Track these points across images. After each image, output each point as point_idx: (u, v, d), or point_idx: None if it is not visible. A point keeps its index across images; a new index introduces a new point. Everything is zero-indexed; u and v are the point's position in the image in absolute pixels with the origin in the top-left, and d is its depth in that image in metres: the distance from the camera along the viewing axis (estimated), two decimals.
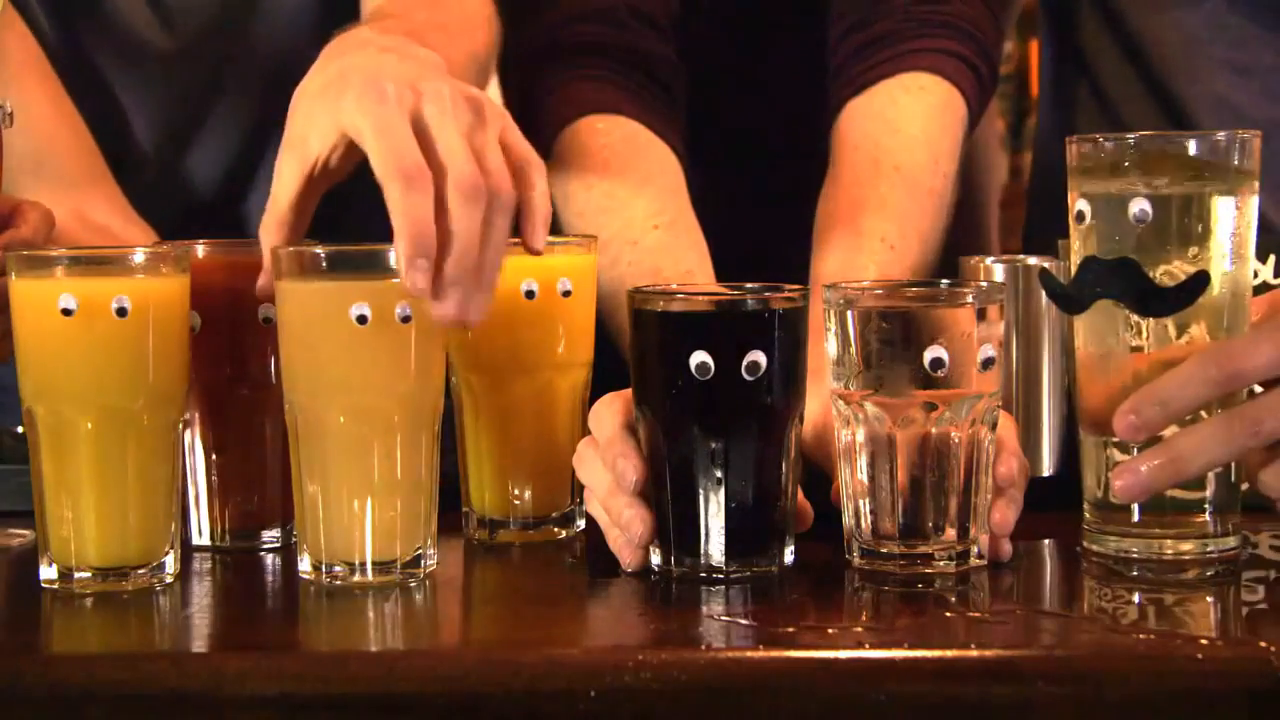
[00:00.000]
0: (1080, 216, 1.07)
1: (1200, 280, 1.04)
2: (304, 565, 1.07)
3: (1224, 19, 1.46)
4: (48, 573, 1.05)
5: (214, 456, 1.16)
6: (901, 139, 1.34)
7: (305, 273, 1.06)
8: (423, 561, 1.07)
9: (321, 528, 1.06)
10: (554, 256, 1.17)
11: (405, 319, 1.04)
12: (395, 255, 1.02)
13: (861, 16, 1.39)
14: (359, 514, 1.05)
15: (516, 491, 1.17)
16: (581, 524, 1.19)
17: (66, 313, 1.02)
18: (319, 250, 1.07)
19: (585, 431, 1.13)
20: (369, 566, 1.06)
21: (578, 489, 1.17)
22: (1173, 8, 1.48)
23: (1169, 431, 1.04)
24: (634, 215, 1.32)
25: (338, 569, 1.06)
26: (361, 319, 1.03)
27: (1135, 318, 1.05)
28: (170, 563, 1.07)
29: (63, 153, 1.40)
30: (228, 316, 1.14)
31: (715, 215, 1.37)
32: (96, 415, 1.04)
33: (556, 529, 1.18)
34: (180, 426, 1.08)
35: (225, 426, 1.16)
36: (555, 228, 1.36)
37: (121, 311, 1.03)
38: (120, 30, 1.48)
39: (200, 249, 1.15)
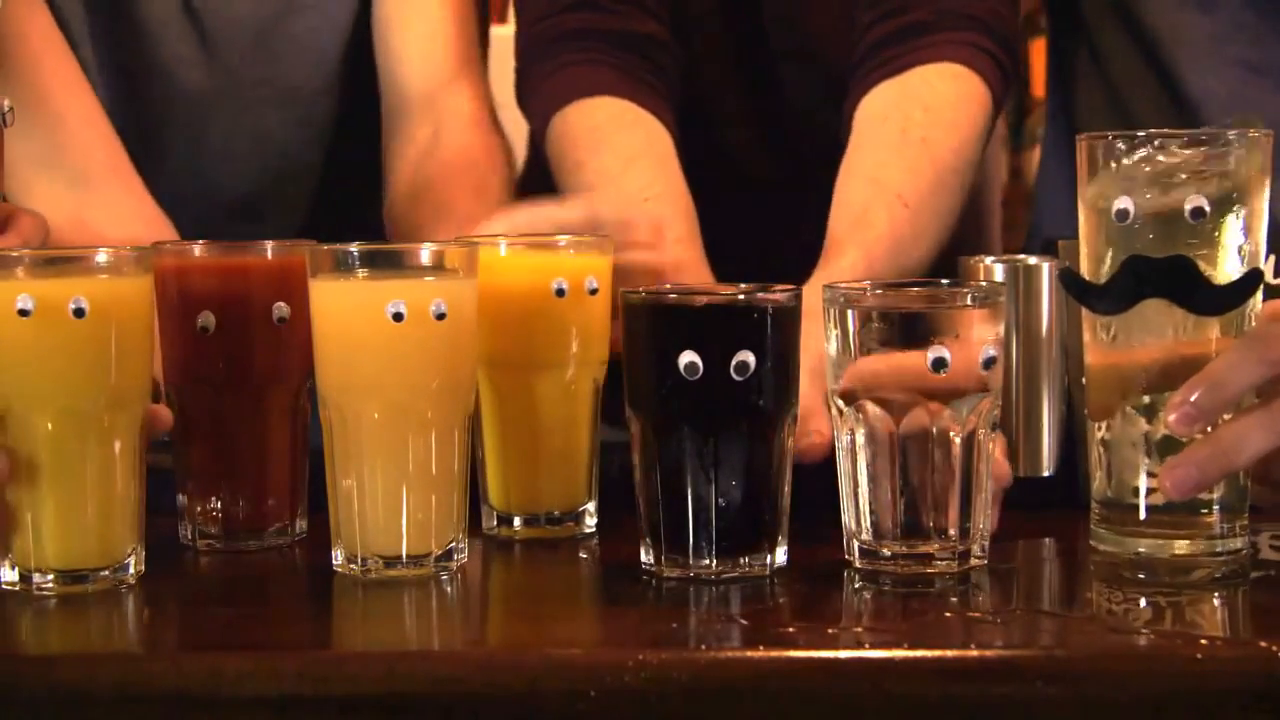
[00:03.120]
0: (1123, 214, 1.05)
1: (1253, 278, 1.04)
2: (338, 559, 1.08)
3: (1240, 17, 1.46)
4: (8, 575, 1.05)
5: (227, 456, 1.16)
6: (932, 116, 1.37)
7: (341, 271, 1.07)
8: (455, 555, 1.08)
9: (356, 522, 1.07)
10: (584, 255, 1.18)
11: (440, 316, 1.05)
12: None
13: (895, 5, 1.43)
14: (393, 508, 1.06)
15: (534, 487, 1.18)
16: (594, 522, 1.19)
17: (23, 313, 1.02)
18: (354, 248, 1.08)
19: (599, 429, 1.17)
20: (403, 559, 1.06)
21: (595, 486, 1.18)
22: (1189, 5, 1.48)
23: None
24: (626, 190, 1.35)
25: (371, 562, 1.07)
26: (397, 316, 1.04)
27: (1185, 315, 1.04)
28: (132, 564, 1.06)
29: (72, 146, 1.39)
30: (242, 317, 1.14)
31: (716, 204, 1.40)
32: (56, 417, 1.03)
33: (574, 525, 1.18)
34: (142, 426, 1.07)
35: (238, 426, 1.15)
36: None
37: (79, 312, 1.02)
38: (157, 47, 1.49)
39: (215, 250, 1.15)
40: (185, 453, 1.16)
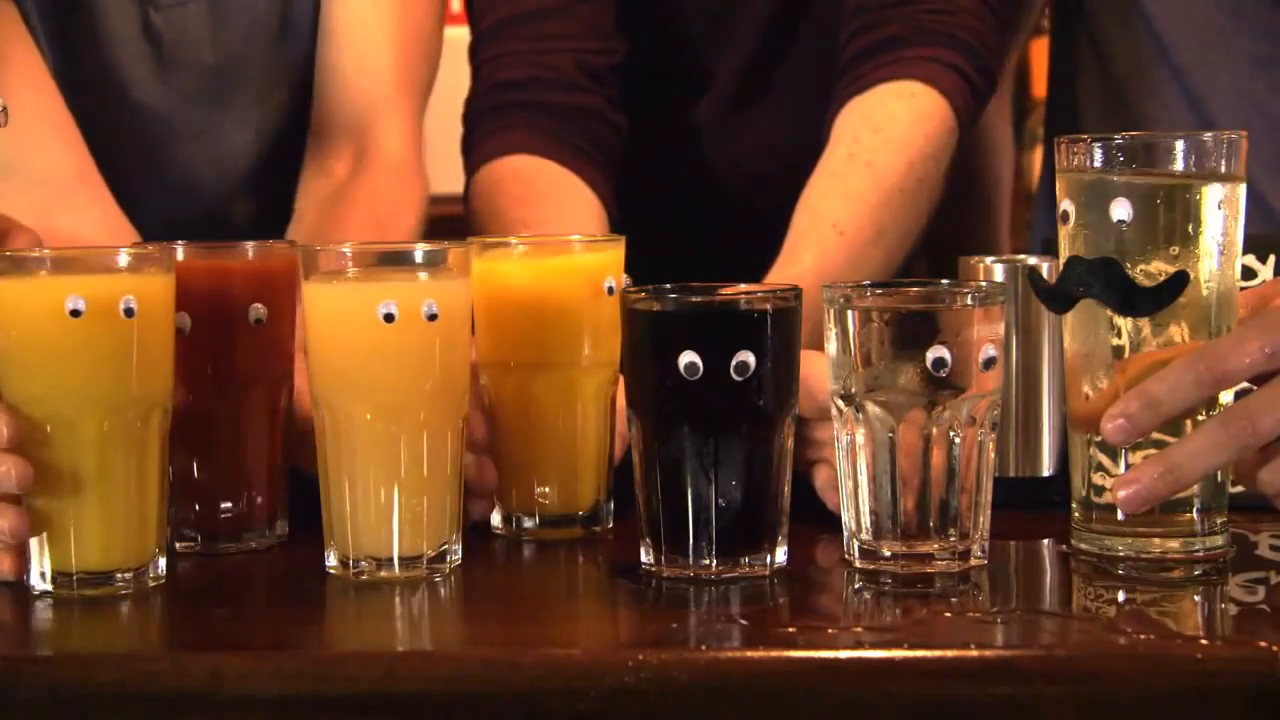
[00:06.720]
0: (1065, 217, 1.07)
1: (1180, 280, 1.04)
2: (331, 561, 1.08)
3: (1246, 10, 1.46)
4: (38, 578, 1.05)
5: (207, 458, 1.15)
6: (880, 139, 1.41)
7: (333, 272, 1.07)
8: (448, 556, 1.08)
9: (349, 524, 1.07)
10: (600, 252, 1.19)
11: (432, 317, 1.05)
12: None
13: (872, 18, 1.46)
14: (386, 510, 1.06)
15: (544, 489, 1.18)
16: (610, 522, 1.19)
17: (75, 314, 1.01)
18: (345, 249, 1.08)
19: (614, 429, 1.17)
20: (396, 561, 1.06)
21: (605, 487, 1.18)
22: None
23: (1156, 435, 1.04)
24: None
25: (364, 564, 1.07)
26: (389, 317, 1.04)
27: (1117, 317, 1.05)
28: (162, 564, 1.06)
29: (38, 152, 1.37)
30: (218, 318, 1.14)
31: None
32: (103, 418, 1.03)
33: (583, 527, 1.18)
34: (167, 428, 1.07)
35: (216, 427, 1.15)
36: None
37: (129, 312, 1.02)
38: (115, 64, 1.47)
39: (192, 251, 1.15)
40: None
